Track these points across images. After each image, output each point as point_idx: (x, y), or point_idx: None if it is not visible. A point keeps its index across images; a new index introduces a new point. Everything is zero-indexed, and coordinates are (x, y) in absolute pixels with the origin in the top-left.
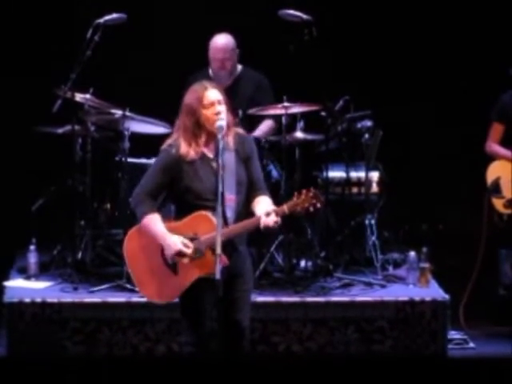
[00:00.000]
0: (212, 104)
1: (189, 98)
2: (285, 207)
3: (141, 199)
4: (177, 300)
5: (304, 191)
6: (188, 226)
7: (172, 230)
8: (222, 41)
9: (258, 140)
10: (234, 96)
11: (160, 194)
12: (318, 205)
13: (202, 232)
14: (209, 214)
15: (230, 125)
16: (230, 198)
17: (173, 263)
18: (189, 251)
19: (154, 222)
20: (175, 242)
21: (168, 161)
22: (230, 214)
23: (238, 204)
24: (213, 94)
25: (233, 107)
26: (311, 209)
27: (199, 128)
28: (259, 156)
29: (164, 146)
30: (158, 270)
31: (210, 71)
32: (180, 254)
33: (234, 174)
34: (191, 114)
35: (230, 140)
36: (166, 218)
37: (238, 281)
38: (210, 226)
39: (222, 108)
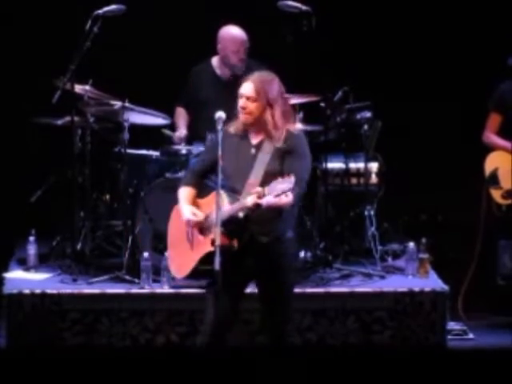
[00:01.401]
0: (241, 96)
1: None
2: (265, 189)
3: (186, 174)
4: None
5: (284, 176)
6: (207, 203)
7: (195, 206)
8: (240, 33)
9: None
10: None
11: (205, 172)
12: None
13: (213, 210)
14: (223, 192)
15: (267, 121)
16: (253, 184)
17: (191, 238)
18: (196, 218)
19: (181, 193)
20: (185, 211)
21: (215, 140)
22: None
23: None
24: (244, 88)
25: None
26: (289, 194)
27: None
28: None
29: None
30: (181, 245)
31: (214, 62)
32: (189, 222)
33: (266, 163)
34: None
35: (275, 134)
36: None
37: (263, 277)
38: (222, 204)
39: (249, 104)
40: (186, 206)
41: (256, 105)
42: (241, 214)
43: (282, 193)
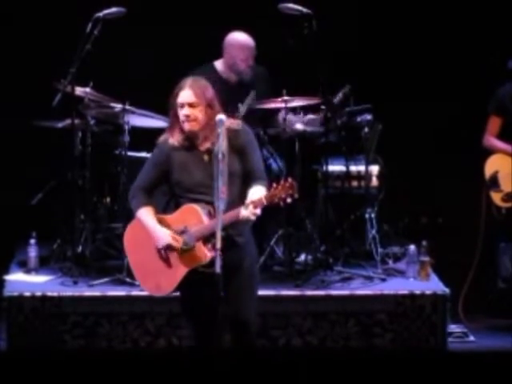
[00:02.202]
0: (182, 105)
1: (172, 94)
2: (263, 198)
3: (135, 193)
4: (176, 293)
5: (281, 182)
6: (178, 219)
7: (163, 224)
8: (248, 40)
9: (257, 133)
10: (245, 91)
11: (154, 188)
12: (296, 195)
13: (192, 225)
14: (196, 206)
15: (212, 122)
16: (222, 190)
17: (166, 257)
18: (177, 244)
19: (146, 215)
20: (164, 235)
21: (159, 155)
22: (220, 205)
23: (229, 195)
24: (184, 96)
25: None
26: (288, 199)
27: (178, 122)
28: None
29: (158, 141)
30: (153, 264)
31: (218, 65)
32: (169, 247)
33: (226, 166)
34: (172, 108)
35: (221, 134)
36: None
37: (236, 276)
38: (198, 219)
39: (193, 111)
40: (162, 230)
41: (199, 109)
42: (228, 224)
43: (279, 200)
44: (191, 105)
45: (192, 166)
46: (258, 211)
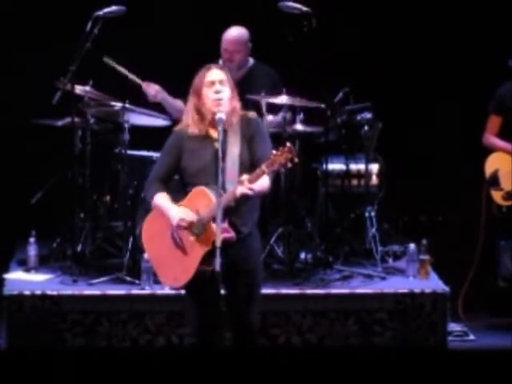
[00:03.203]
0: (212, 83)
1: (195, 79)
2: (263, 166)
3: (150, 184)
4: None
5: (280, 148)
6: (189, 204)
7: None
8: (233, 33)
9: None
10: (247, 89)
11: (169, 175)
12: (296, 159)
13: (202, 207)
14: (204, 188)
15: (235, 108)
16: (232, 173)
17: (181, 244)
18: (190, 218)
19: (161, 199)
20: (177, 212)
21: (173, 142)
22: (230, 186)
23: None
24: (214, 74)
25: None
26: (289, 164)
27: (204, 108)
28: None
29: (174, 129)
30: (170, 255)
31: (221, 63)
32: (183, 223)
33: (238, 155)
34: (195, 93)
35: (235, 121)
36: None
37: (240, 277)
38: (208, 200)
39: (223, 88)
40: (175, 208)
41: (228, 89)
42: (232, 203)
43: (279, 166)
44: (221, 82)
45: (201, 152)
46: (256, 187)
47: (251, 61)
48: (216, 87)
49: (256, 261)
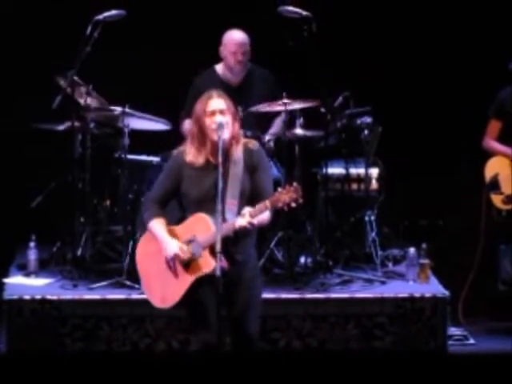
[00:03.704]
0: (213, 113)
1: (196, 106)
2: (267, 202)
3: (148, 205)
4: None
5: (286, 186)
6: (187, 228)
7: (173, 234)
8: (241, 34)
9: (259, 139)
10: (245, 93)
11: (167, 199)
12: (300, 200)
13: (200, 233)
14: (205, 215)
15: (237, 136)
16: (232, 202)
17: (174, 266)
18: (184, 256)
19: (156, 226)
20: (172, 246)
21: (173, 166)
22: (230, 216)
23: (239, 210)
24: (215, 103)
25: (244, 104)
26: (293, 204)
27: (204, 136)
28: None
29: (174, 151)
30: (162, 275)
31: (218, 69)
32: (177, 257)
33: (239, 183)
34: (196, 122)
35: (239, 150)
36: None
37: (236, 289)
38: (206, 226)
39: (224, 118)
40: (171, 241)
41: (229, 118)
42: (231, 234)
43: (283, 205)
44: (222, 112)
45: (202, 178)
46: (255, 221)
47: (248, 64)
48: (217, 118)
49: (253, 278)
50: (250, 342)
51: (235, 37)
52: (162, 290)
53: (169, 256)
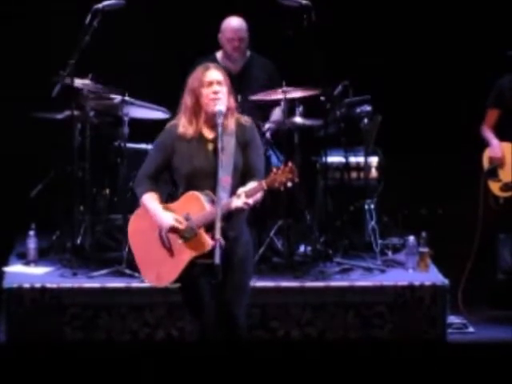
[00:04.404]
0: (211, 83)
1: (191, 77)
2: (263, 183)
3: (140, 180)
4: (174, 285)
5: (281, 166)
6: (181, 207)
7: (167, 210)
8: (238, 21)
9: (259, 127)
10: (245, 81)
11: (159, 173)
12: (296, 179)
13: (194, 212)
14: (199, 193)
15: (232, 109)
16: (226, 180)
17: (169, 245)
18: (181, 226)
19: (150, 200)
20: (167, 218)
21: (165, 140)
22: (223, 195)
23: (232, 187)
24: (213, 74)
25: (244, 92)
26: (289, 183)
27: (199, 108)
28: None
29: (166, 125)
30: (156, 253)
31: (218, 56)
32: (173, 229)
33: (232, 157)
34: (191, 92)
35: (231, 124)
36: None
37: (227, 270)
38: (200, 206)
39: (222, 89)
40: (166, 213)
41: (225, 90)
42: (225, 213)
43: (279, 185)
44: (219, 83)
45: (194, 153)
46: (251, 201)
47: (248, 53)
48: (214, 87)
49: (244, 259)
50: (235, 321)
51: (231, 23)
52: (157, 267)
53: (164, 229)
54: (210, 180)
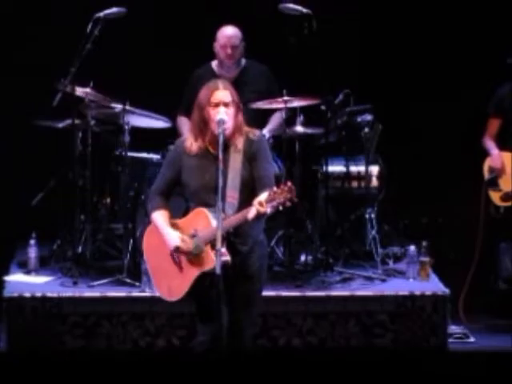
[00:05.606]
0: (217, 104)
1: (201, 93)
2: (263, 202)
3: (151, 197)
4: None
5: (281, 186)
6: (188, 223)
7: (175, 228)
8: (231, 29)
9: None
10: (241, 88)
11: (170, 189)
12: (295, 199)
13: (201, 228)
14: (205, 209)
15: (239, 128)
16: (232, 196)
17: (178, 260)
18: (186, 247)
19: (158, 218)
20: (173, 238)
21: (173, 155)
22: (229, 210)
23: (240, 203)
24: (220, 95)
25: (240, 100)
26: (288, 203)
27: (205, 125)
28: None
29: (176, 141)
30: (167, 268)
31: (214, 65)
32: (178, 250)
33: (239, 173)
34: (199, 110)
35: (239, 141)
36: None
37: (239, 281)
38: (207, 222)
39: (228, 110)
40: (172, 233)
41: (232, 111)
42: (231, 229)
43: (278, 204)
44: (226, 104)
45: (202, 169)
46: (268, 210)
47: (243, 60)
48: (220, 109)
49: (258, 273)
50: (240, 340)
51: (225, 31)
52: (169, 281)
53: (171, 248)
54: (214, 195)
